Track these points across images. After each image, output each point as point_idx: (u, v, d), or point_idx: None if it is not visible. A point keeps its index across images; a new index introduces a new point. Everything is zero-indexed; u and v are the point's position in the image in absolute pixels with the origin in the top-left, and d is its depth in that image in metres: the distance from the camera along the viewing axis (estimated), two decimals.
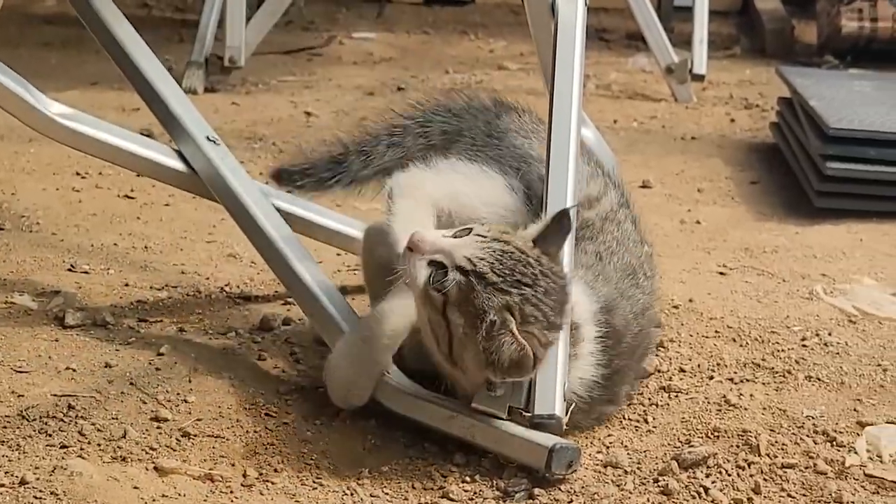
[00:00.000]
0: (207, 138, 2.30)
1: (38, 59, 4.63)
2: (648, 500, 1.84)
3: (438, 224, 2.00)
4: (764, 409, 2.10)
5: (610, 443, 1.99)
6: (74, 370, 2.16)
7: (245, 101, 4.15)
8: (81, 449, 1.92)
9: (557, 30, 2.21)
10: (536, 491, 1.84)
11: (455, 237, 1.89)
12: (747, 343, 2.35)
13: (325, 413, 2.05)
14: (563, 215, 1.92)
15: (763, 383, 2.19)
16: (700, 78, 4.35)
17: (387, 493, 1.84)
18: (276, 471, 1.89)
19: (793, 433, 2.02)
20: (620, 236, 2.15)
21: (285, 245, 2.21)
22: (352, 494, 1.84)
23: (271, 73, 4.56)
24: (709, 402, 2.11)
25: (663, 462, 1.93)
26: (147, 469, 1.87)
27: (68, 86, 4.18)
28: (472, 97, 2.34)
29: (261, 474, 1.88)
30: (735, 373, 2.22)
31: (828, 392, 2.17)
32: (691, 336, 2.37)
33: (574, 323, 1.96)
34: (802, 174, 3.25)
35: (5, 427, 1.96)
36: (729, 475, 1.90)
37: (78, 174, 3.25)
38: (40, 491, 1.79)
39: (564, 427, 1.90)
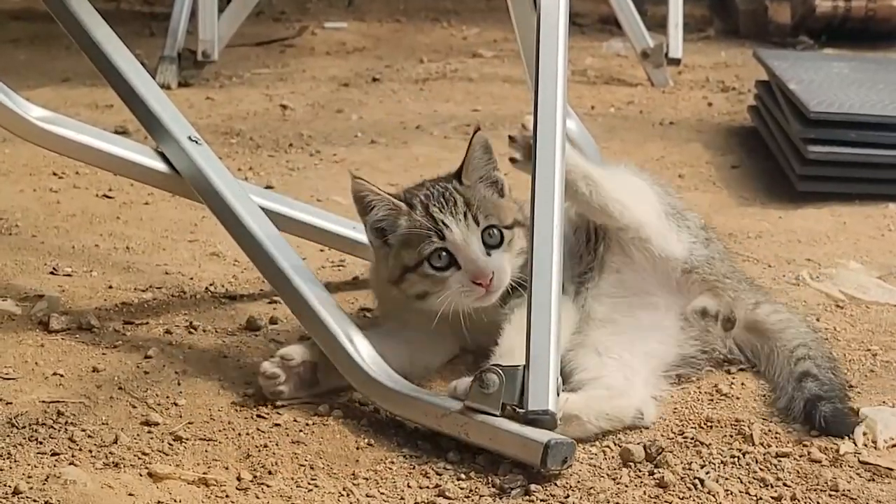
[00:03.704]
0: (189, 138, 2.28)
1: (6, 56, 4.60)
2: (645, 493, 1.84)
3: None
4: (756, 397, 2.09)
5: (604, 436, 1.99)
6: (62, 376, 2.15)
7: (220, 96, 4.13)
8: (73, 456, 1.90)
9: (540, 22, 2.20)
10: (532, 487, 1.83)
11: None
12: None
13: (317, 413, 2.04)
14: None
15: (755, 372, 2.18)
16: (676, 62, 4.35)
17: (383, 494, 1.83)
18: (270, 473, 1.88)
19: (785, 422, 2.02)
20: None
21: (271, 244, 2.20)
22: (348, 495, 1.83)
23: (245, 65, 4.54)
24: (701, 392, 2.11)
25: (658, 454, 1.92)
26: (141, 475, 1.86)
27: (40, 83, 4.15)
28: None
29: (255, 477, 1.87)
30: (726, 361, 2.22)
31: None
32: None
33: None
34: (783, 158, 3.25)
35: None
36: (724, 465, 1.90)
37: (55, 174, 3.23)
38: (34, 501, 1.77)
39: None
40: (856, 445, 1.94)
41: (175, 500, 1.80)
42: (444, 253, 2.07)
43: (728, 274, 2.21)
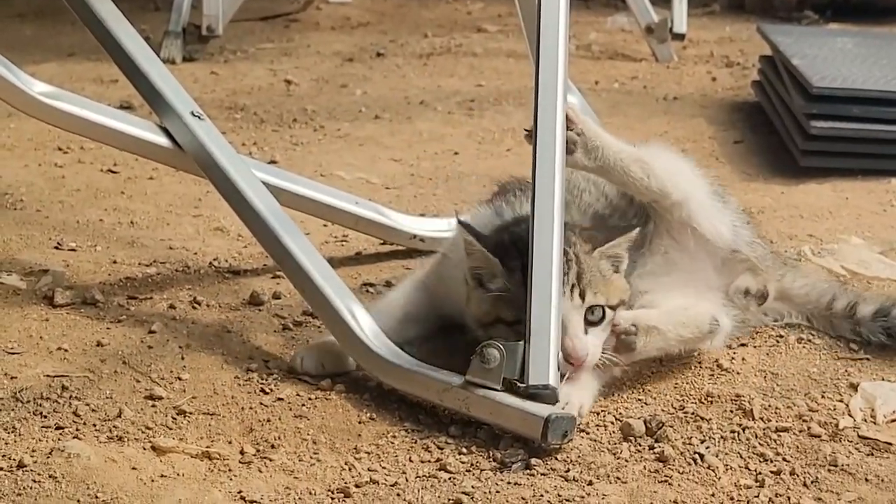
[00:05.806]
0: (192, 114, 2.29)
1: (11, 31, 4.61)
2: (645, 467, 1.85)
3: None
4: (756, 372, 2.10)
5: (605, 411, 2.00)
6: (66, 350, 2.16)
7: (224, 70, 4.13)
8: (77, 430, 1.91)
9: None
10: (533, 461, 1.84)
11: None
12: None
13: (320, 387, 2.05)
14: None
15: (755, 347, 2.19)
16: (680, 37, 4.34)
17: (384, 468, 1.85)
18: (273, 447, 1.89)
19: (786, 397, 2.03)
20: None
21: (274, 219, 2.20)
22: (350, 469, 1.84)
23: (249, 40, 4.54)
24: (701, 367, 2.12)
25: (658, 429, 1.93)
26: (144, 449, 1.87)
27: (45, 58, 4.16)
28: None
29: (258, 451, 1.88)
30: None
31: (819, 354, 2.18)
32: None
33: None
34: (786, 133, 3.25)
35: (0, 409, 1.96)
36: (724, 440, 1.91)
37: (60, 149, 3.24)
38: (38, 474, 1.78)
39: None
40: (855, 420, 1.95)
41: (178, 474, 1.82)
42: None
43: (765, 255, 2.25)
